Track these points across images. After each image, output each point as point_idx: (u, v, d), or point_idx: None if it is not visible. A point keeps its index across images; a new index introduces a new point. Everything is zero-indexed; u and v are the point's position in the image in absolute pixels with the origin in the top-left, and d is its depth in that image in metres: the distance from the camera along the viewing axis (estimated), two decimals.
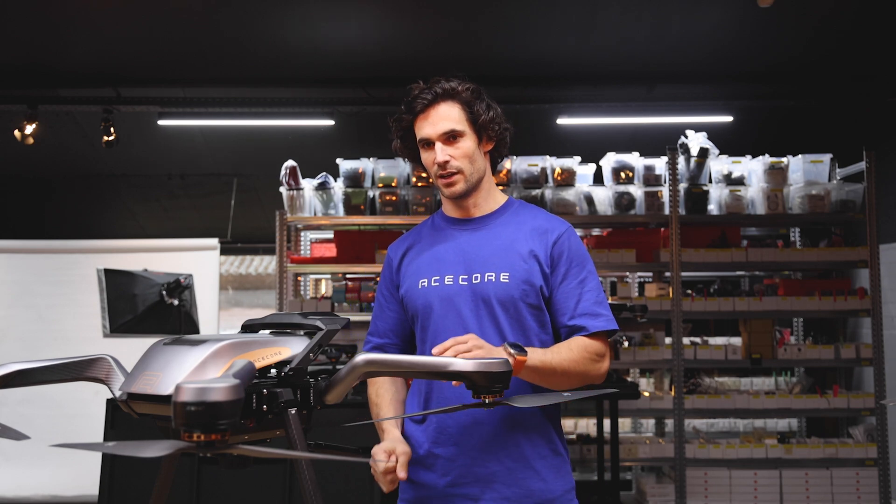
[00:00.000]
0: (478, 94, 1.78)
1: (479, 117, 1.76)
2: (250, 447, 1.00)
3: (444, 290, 1.76)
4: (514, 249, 1.77)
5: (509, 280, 1.73)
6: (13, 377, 1.25)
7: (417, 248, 1.85)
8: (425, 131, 1.76)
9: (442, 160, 1.74)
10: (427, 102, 1.75)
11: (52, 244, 6.19)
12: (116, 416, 3.93)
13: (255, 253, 10.02)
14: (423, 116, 1.76)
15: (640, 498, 4.68)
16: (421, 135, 1.77)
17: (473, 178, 1.78)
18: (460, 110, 1.75)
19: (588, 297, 1.76)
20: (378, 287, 1.92)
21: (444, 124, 1.74)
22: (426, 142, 1.77)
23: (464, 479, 1.71)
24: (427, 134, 1.76)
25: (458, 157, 1.75)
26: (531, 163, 4.66)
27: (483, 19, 5.05)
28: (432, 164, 1.77)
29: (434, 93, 1.75)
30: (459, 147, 1.75)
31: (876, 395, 4.47)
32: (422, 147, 1.79)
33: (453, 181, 1.77)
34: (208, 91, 5.85)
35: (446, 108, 1.75)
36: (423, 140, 1.77)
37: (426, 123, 1.76)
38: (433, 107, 1.75)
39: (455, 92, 1.76)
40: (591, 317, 1.74)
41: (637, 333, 4.74)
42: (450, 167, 1.75)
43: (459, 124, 1.75)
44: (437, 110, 1.75)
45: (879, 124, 5.81)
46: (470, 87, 1.77)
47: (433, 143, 1.76)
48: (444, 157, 1.74)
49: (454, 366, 1.32)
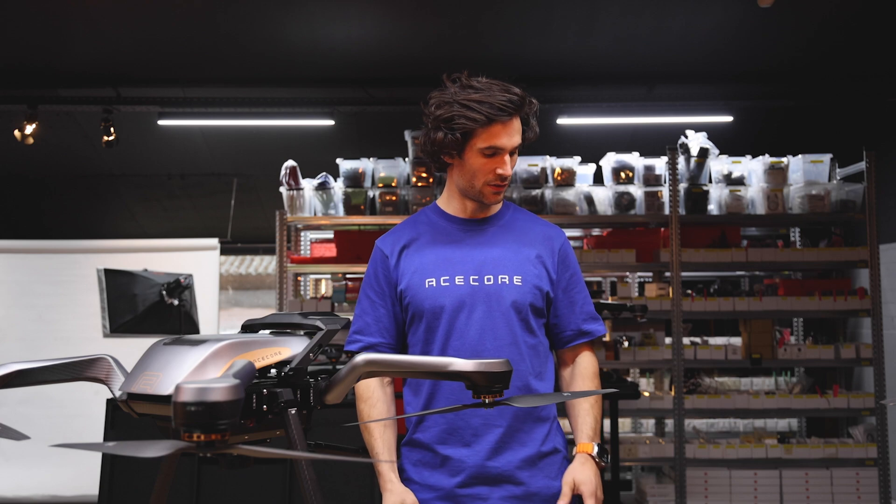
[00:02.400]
0: (537, 112, 1.79)
1: (528, 134, 1.77)
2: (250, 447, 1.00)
3: (455, 291, 1.75)
4: (524, 254, 1.79)
5: (522, 283, 1.76)
6: (13, 377, 1.25)
7: (418, 244, 1.81)
8: (501, 142, 1.71)
9: (509, 174, 1.75)
10: (510, 112, 1.70)
11: (52, 244, 6.19)
12: (116, 416, 3.93)
13: (255, 253, 10.02)
14: (502, 125, 1.70)
15: (640, 498, 4.68)
16: (494, 143, 1.70)
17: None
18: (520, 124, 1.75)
19: (588, 302, 1.85)
20: (366, 283, 1.85)
21: (517, 139, 1.74)
22: (496, 150, 1.71)
23: (473, 480, 1.72)
24: (503, 145, 1.71)
25: (510, 169, 1.76)
26: (531, 163, 4.66)
27: (483, 19, 5.05)
28: (490, 171, 1.73)
29: (517, 104, 1.71)
30: (514, 159, 1.77)
31: (876, 395, 4.47)
32: (483, 153, 1.72)
33: (503, 191, 1.79)
34: (208, 91, 5.85)
35: (517, 121, 1.74)
36: (493, 148, 1.71)
37: (504, 134, 1.70)
38: (513, 118, 1.72)
39: (525, 105, 1.73)
40: (593, 321, 1.85)
41: (637, 333, 4.74)
42: (507, 180, 1.76)
43: (520, 139, 1.76)
44: (514, 123, 1.72)
45: (879, 124, 5.81)
46: (536, 106, 1.77)
47: (502, 153, 1.72)
48: (510, 171, 1.75)
49: (454, 366, 1.32)
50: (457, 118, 1.68)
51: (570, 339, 1.82)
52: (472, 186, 1.77)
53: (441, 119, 1.71)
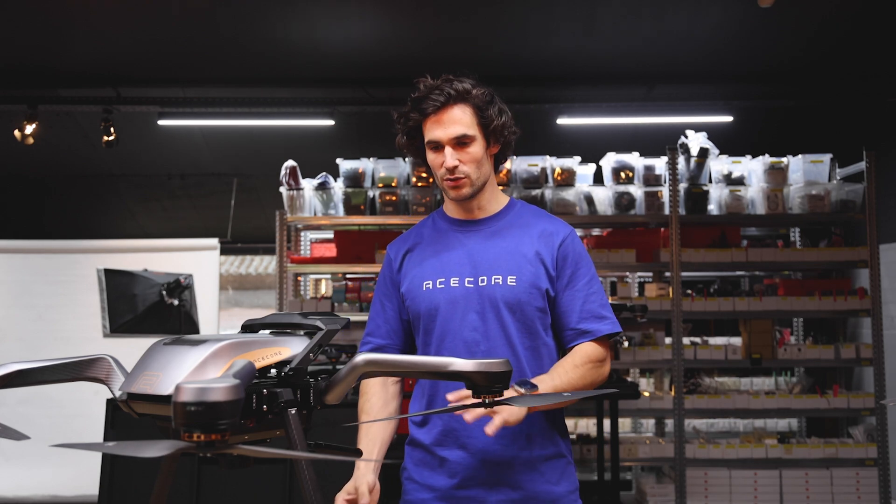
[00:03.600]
0: (490, 97, 1.74)
1: (491, 123, 1.73)
2: (250, 447, 1.00)
3: (450, 293, 1.74)
4: (521, 252, 1.76)
5: (517, 283, 1.73)
6: (13, 377, 1.25)
7: (420, 248, 1.83)
8: (436, 134, 1.71)
9: (451, 165, 1.71)
10: (439, 104, 1.70)
11: (52, 244, 6.19)
12: (116, 416, 3.93)
13: (255, 253, 10.03)
14: (434, 118, 1.71)
15: (640, 498, 4.68)
16: (430, 137, 1.72)
17: (479, 182, 1.76)
18: (472, 114, 1.71)
19: (593, 300, 1.76)
20: (377, 286, 1.89)
21: (456, 129, 1.70)
22: (435, 144, 1.73)
23: (471, 482, 1.71)
24: (437, 137, 1.71)
25: (466, 161, 1.72)
26: (531, 163, 4.66)
27: (483, 19, 5.05)
28: (440, 166, 1.74)
29: (447, 94, 1.70)
30: (469, 152, 1.72)
31: (876, 395, 4.47)
32: (429, 148, 1.75)
33: (460, 185, 1.74)
34: (208, 91, 5.85)
35: (459, 111, 1.71)
36: (432, 142, 1.73)
37: (437, 126, 1.71)
38: (445, 109, 1.70)
39: (468, 95, 1.71)
40: (596, 320, 1.75)
41: (637, 333, 4.74)
42: (458, 172, 1.72)
43: (470, 129, 1.71)
44: (449, 113, 1.70)
45: (879, 124, 5.81)
46: (483, 91, 1.73)
47: (443, 146, 1.72)
48: (454, 163, 1.71)
49: (454, 366, 1.32)
50: (403, 120, 1.76)
51: (571, 338, 1.76)
52: (439, 184, 1.79)
53: (397, 124, 1.78)
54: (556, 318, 1.79)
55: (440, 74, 1.76)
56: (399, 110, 1.77)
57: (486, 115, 1.72)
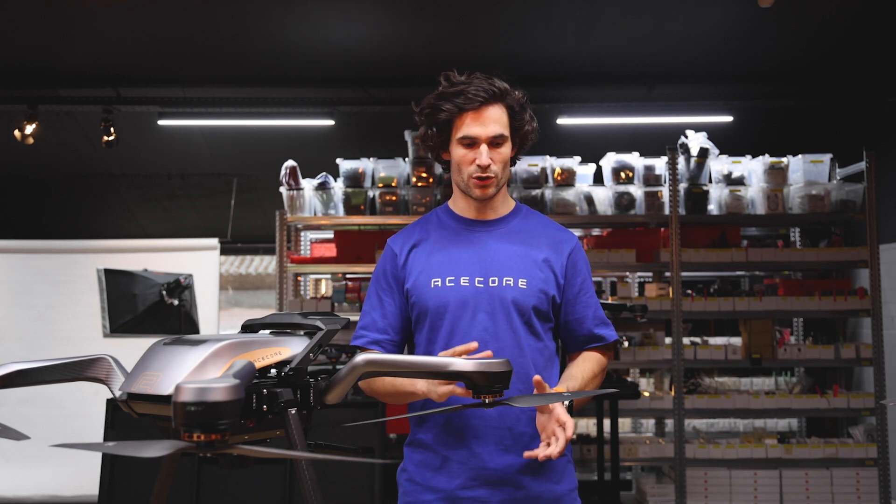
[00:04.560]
0: (525, 102, 1.78)
1: (522, 127, 1.77)
2: (250, 447, 1.00)
3: (459, 292, 1.75)
4: (531, 256, 1.78)
5: (527, 287, 1.75)
6: (13, 377, 1.25)
7: (426, 244, 1.82)
8: (474, 130, 1.72)
9: (486, 163, 1.72)
10: (480, 101, 1.71)
11: (52, 244, 6.19)
12: (116, 416, 3.93)
13: (255, 253, 10.03)
14: (473, 114, 1.72)
15: (640, 498, 4.68)
16: (468, 132, 1.73)
17: (502, 184, 1.80)
18: (507, 115, 1.74)
19: (599, 308, 1.85)
20: (374, 280, 1.86)
21: (495, 128, 1.72)
22: (472, 140, 1.73)
23: (474, 483, 1.71)
24: (476, 133, 1.72)
25: (497, 161, 1.74)
26: (531, 163, 4.66)
27: (483, 19, 5.05)
28: (470, 163, 1.75)
29: (490, 92, 1.72)
30: (500, 152, 1.74)
31: (876, 395, 4.47)
32: (462, 144, 1.75)
33: (488, 184, 1.76)
34: (208, 91, 5.85)
35: (497, 111, 1.73)
36: (468, 138, 1.73)
37: (476, 123, 1.72)
38: (486, 107, 1.72)
39: (508, 95, 1.74)
40: (605, 326, 1.84)
41: (637, 333, 4.74)
42: (489, 171, 1.74)
43: (506, 130, 1.74)
44: (489, 111, 1.72)
45: (879, 124, 5.81)
46: (521, 95, 1.77)
47: (478, 143, 1.73)
48: (488, 161, 1.72)
49: (454, 366, 1.32)
50: (432, 112, 1.75)
51: (584, 342, 1.82)
52: (462, 181, 1.79)
53: (422, 115, 1.78)
54: (565, 325, 1.82)
55: (438, 75, 1.78)
56: (428, 101, 1.76)
57: (520, 118, 1.76)
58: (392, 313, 1.82)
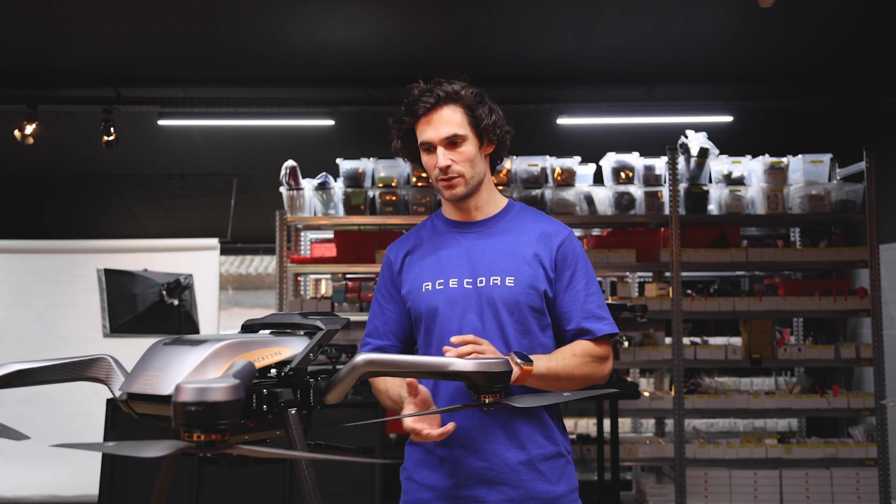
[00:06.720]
0: (480, 97, 1.78)
1: (482, 122, 1.76)
2: (250, 447, 1.00)
3: (449, 294, 1.76)
4: (519, 253, 1.78)
5: (515, 284, 1.75)
6: (13, 377, 1.25)
7: (419, 250, 1.85)
8: (427, 135, 1.75)
9: (444, 165, 1.74)
10: (429, 106, 1.74)
11: (52, 244, 6.19)
12: (116, 416, 3.93)
13: (255, 253, 10.03)
14: (425, 120, 1.75)
15: (640, 498, 4.68)
16: (422, 138, 1.77)
17: (474, 182, 1.79)
18: (462, 114, 1.75)
19: (592, 301, 1.79)
20: (376, 288, 1.91)
21: (447, 129, 1.74)
22: (428, 145, 1.77)
23: (470, 481, 1.72)
24: (429, 138, 1.75)
25: (459, 161, 1.75)
26: (531, 163, 4.66)
27: (483, 19, 5.05)
28: (433, 167, 1.77)
29: (437, 96, 1.74)
30: (461, 151, 1.75)
31: (876, 395, 4.47)
32: (423, 150, 1.79)
33: (454, 184, 1.77)
34: (208, 91, 5.85)
35: (449, 111, 1.75)
36: (424, 143, 1.77)
37: (428, 127, 1.75)
38: (435, 110, 1.74)
39: (458, 95, 1.75)
40: (596, 320, 1.78)
41: (637, 333, 4.74)
42: (451, 171, 1.75)
43: (461, 129, 1.75)
44: (439, 114, 1.74)
45: (879, 124, 5.81)
46: (473, 91, 1.77)
47: (435, 146, 1.76)
48: (446, 162, 1.74)
49: (454, 366, 1.32)
50: (395, 125, 1.81)
51: (572, 338, 1.78)
52: (435, 185, 1.82)
53: (392, 129, 1.83)
54: (555, 319, 1.81)
55: (438, 76, 1.79)
56: (393, 115, 1.82)
57: (477, 114, 1.76)
58: (393, 319, 1.86)
